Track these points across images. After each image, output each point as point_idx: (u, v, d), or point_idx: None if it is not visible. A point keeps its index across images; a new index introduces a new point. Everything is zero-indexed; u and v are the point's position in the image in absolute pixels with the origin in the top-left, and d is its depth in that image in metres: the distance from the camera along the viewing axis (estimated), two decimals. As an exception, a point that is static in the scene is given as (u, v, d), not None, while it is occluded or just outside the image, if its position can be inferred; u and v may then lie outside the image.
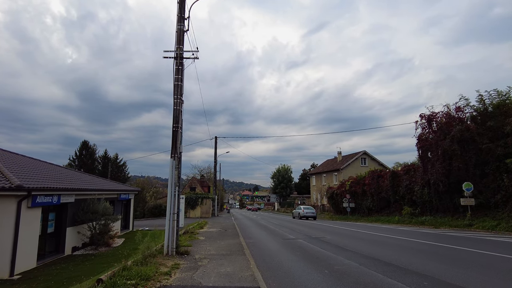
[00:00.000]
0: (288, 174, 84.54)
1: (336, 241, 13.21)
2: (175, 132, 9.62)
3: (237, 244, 12.23)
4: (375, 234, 15.77)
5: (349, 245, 11.82)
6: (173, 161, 9.38)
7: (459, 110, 22.73)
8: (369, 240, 13.29)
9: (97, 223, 15.61)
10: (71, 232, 14.68)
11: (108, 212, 15.80)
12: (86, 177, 19.37)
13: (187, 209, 38.31)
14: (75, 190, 14.46)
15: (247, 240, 14.06)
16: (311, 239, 14.11)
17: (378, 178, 30.89)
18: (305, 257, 9.38)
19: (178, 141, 9.64)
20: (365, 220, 30.07)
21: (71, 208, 14.59)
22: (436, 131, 22.99)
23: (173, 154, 9.50)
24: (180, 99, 9.84)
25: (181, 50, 10.07)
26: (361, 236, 15.20)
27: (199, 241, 13.21)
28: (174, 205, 9.28)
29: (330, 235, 15.75)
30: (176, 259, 8.58)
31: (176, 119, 9.67)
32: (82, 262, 12.76)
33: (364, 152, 48.96)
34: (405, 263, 7.96)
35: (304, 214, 35.08)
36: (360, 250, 10.47)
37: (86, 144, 65.58)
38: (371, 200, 31.75)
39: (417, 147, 25.26)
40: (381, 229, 19.20)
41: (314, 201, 58.13)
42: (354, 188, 34.40)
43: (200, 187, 57.46)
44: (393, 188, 28.20)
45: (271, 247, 11.82)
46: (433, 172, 22.53)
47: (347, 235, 15.78)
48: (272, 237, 15.40)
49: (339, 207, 38.38)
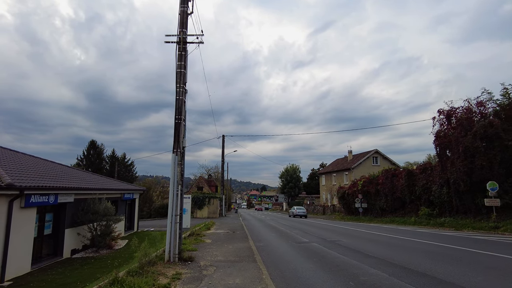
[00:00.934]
0: (296, 174, 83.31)
1: (354, 245, 12.10)
2: (178, 125, 8.65)
3: (247, 248, 11.23)
4: (395, 237, 14.60)
5: (370, 250, 10.71)
6: (175, 156, 8.41)
7: (481, 105, 21.36)
8: (391, 244, 12.14)
9: (98, 224, 14.77)
10: (70, 233, 13.85)
11: (109, 212, 14.94)
12: (87, 176, 18.59)
13: (194, 209, 37.48)
14: (74, 189, 13.62)
15: (257, 243, 13.05)
16: (327, 242, 13.02)
17: (392, 177, 29.55)
18: (324, 265, 8.32)
19: (181, 135, 8.67)
20: (379, 221, 28.79)
21: (70, 209, 13.76)
22: (456, 127, 21.64)
23: (175, 149, 8.53)
24: (183, 88, 8.87)
25: (184, 34, 9.10)
26: (380, 239, 14.05)
27: (205, 244, 12.24)
28: (177, 205, 8.30)
29: (346, 238, 14.63)
30: (179, 267, 7.60)
31: (178, 110, 8.70)
32: (80, 267, 11.90)
33: (376, 151, 47.48)
34: (443, 274, 6.84)
35: (297, 213, 41.97)
36: (384, 256, 9.35)
37: (93, 143, 65.41)
38: (385, 200, 30.43)
39: (434, 145, 23.93)
40: (399, 231, 17.99)
41: (323, 201, 56.82)
42: (366, 187, 33.10)
43: (208, 186, 56.60)
44: (409, 187, 26.86)
45: (284, 252, 10.77)
46: (453, 171, 21.21)
47: (364, 238, 14.64)
48: (283, 240, 14.34)
49: (351, 208, 37.11)
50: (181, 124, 8.66)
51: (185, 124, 9.00)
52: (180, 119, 8.66)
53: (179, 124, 8.64)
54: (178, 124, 8.64)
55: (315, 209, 53.32)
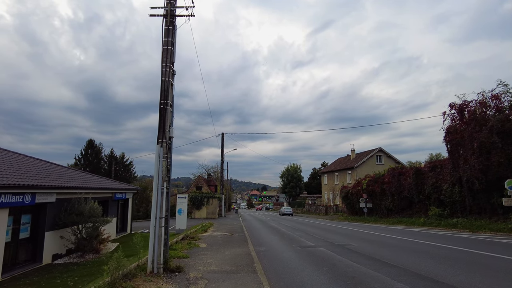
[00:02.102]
0: (297, 173, 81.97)
1: (366, 249, 10.78)
2: (163, 111, 7.34)
3: (246, 254, 9.91)
4: (409, 240, 13.27)
5: (387, 256, 9.39)
6: (160, 148, 7.10)
7: (496, 98, 20.02)
8: (408, 249, 10.81)
9: (83, 226, 13.48)
10: (52, 237, 12.55)
11: (96, 213, 13.63)
12: (73, 174, 17.26)
13: (192, 209, 36.17)
14: (55, 188, 12.31)
15: (258, 248, 11.74)
16: (335, 246, 11.71)
17: (399, 176, 28.21)
18: (337, 276, 7.01)
19: (167, 123, 7.36)
20: (385, 221, 27.46)
21: (51, 209, 12.46)
22: (470, 122, 20.31)
23: (160, 140, 7.23)
24: (171, 68, 7.56)
25: (172, 6, 7.80)
26: (393, 242, 12.72)
27: (199, 250, 10.92)
28: (161, 206, 6.99)
29: (355, 241, 13.31)
30: (162, 280, 6.31)
31: (164, 93, 7.39)
32: (60, 274, 10.59)
33: (380, 149, 46.12)
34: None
35: (285, 212, 50.27)
36: (406, 264, 8.03)
37: (91, 143, 64.14)
38: (391, 200, 29.09)
39: (445, 141, 22.60)
40: (411, 233, 16.68)
41: (325, 201, 55.46)
42: (371, 187, 31.75)
43: (207, 186, 55.30)
44: (417, 186, 25.52)
45: (288, 259, 9.46)
46: (466, 168, 19.88)
47: (375, 241, 13.31)
48: (287, 244, 13.02)
49: (355, 208, 35.78)
50: (167, 110, 7.35)
51: (172, 110, 7.69)
52: (166, 104, 7.36)
53: (164, 110, 7.33)
54: (163, 110, 7.33)
55: (317, 209, 51.99)
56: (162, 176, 7.03)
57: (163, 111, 7.31)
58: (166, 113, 7.33)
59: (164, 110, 7.32)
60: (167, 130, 7.29)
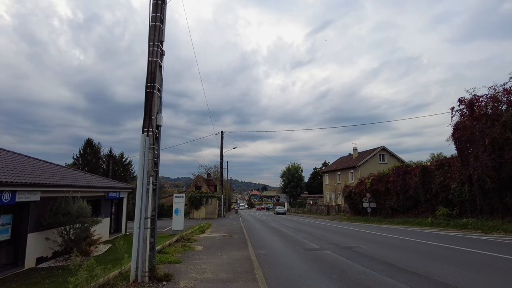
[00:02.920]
0: (298, 173, 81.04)
1: (376, 252, 9.84)
2: (150, 95, 6.40)
3: (245, 258, 8.97)
4: (422, 242, 12.31)
5: (401, 260, 8.45)
6: (145, 137, 6.16)
7: (508, 93, 19.06)
8: (424, 252, 9.86)
9: (70, 227, 12.55)
10: (36, 239, 11.62)
11: (84, 213, 12.70)
12: (61, 171, 16.27)
13: (190, 209, 35.22)
14: (40, 186, 11.39)
15: (258, 251, 10.79)
16: (342, 249, 10.76)
17: (404, 174, 27.25)
18: (349, 284, 6.07)
19: (155, 109, 6.42)
20: (390, 222, 26.50)
21: (35, 209, 11.54)
22: (480, 118, 19.35)
23: (146, 128, 6.29)
24: (159, 47, 6.62)
25: (161, -23, 6.85)
26: (405, 245, 11.76)
27: (193, 253, 9.97)
28: (147, 205, 6.05)
29: (362, 243, 12.36)
30: (146, 292, 5.36)
31: (151, 75, 6.44)
32: (41, 280, 9.66)
33: (383, 148, 45.15)
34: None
35: (278, 211, 56.47)
36: (425, 270, 7.09)
37: (90, 142, 63.19)
38: (396, 200, 28.12)
39: (453, 138, 21.64)
40: (420, 234, 15.72)
41: (327, 200, 54.49)
42: (375, 186, 30.79)
43: (206, 186, 54.39)
44: (424, 185, 24.55)
45: (292, 264, 8.51)
46: (477, 166, 18.92)
47: (385, 243, 12.36)
48: (290, 246, 12.08)
49: (358, 207, 34.81)
50: (154, 94, 6.41)
51: (161, 96, 6.75)
52: (152, 87, 6.41)
53: (151, 94, 6.39)
54: (149, 95, 6.39)
55: (319, 209, 51.03)
56: (148, 170, 6.09)
57: (149, 95, 6.37)
58: (153, 98, 6.39)
59: (150, 94, 6.38)
60: (153, 118, 6.34)
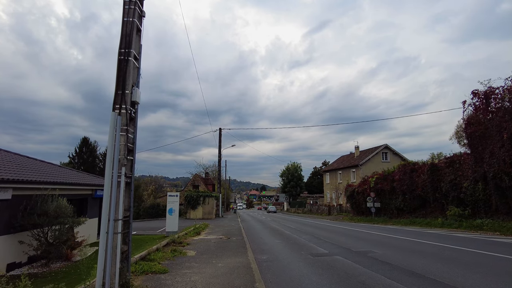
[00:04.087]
0: (298, 172, 79.70)
1: (397, 259, 8.50)
2: (123, 63, 5.04)
3: (244, 266, 7.61)
4: (442, 246, 10.97)
5: (431, 269, 7.11)
6: (116, 116, 4.79)
7: (525, 84, 17.79)
8: (451, 259, 8.52)
9: (48, 228, 11.18)
10: (7, 242, 10.23)
11: (64, 213, 11.31)
12: (41, 166, 14.86)
13: (187, 209, 33.83)
14: (10, 182, 10.01)
15: (259, 256, 9.44)
16: (354, 255, 9.42)
17: (411, 172, 25.94)
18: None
19: (130, 81, 5.05)
20: (396, 222, 25.19)
21: (6, 209, 10.15)
22: (497, 111, 18.07)
23: (117, 104, 4.93)
24: (138, 6, 5.25)
25: None
26: (424, 249, 10.42)
27: (184, 259, 8.60)
28: (117, 203, 4.69)
29: (375, 247, 11.03)
30: (112, 320, 3.99)
31: (126, 39, 5.08)
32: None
33: (386, 146, 43.85)
34: None
35: (270, 210, 63.73)
36: (465, 284, 5.75)
37: (86, 141, 61.70)
38: (402, 199, 26.81)
39: (465, 134, 20.43)
40: (436, 236, 14.40)
41: (328, 200, 53.19)
42: (380, 185, 29.46)
43: (204, 185, 52.98)
44: (432, 184, 23.24)
45: (299, 274, 7.16)
46: (493, 163, 17.63)
47: (401, 247, 11.02)
48: (294, 250, 10.73)
49: (361, 207, 33.50)
50: (129, 63, 5.04)
51: (139, 67, 5.40)
52: (127, 54, 5.05)
53: (125, 62, 5.03)
54: (123, 63, 5.03)
55: (320, 209, 49.69)
56: (120, 158, 4.73)
57: (122, 64, 5.01)
58: (128, 68, 5.02)
59: (124, 62, 5.01)
60: (128, 92, 4.97)
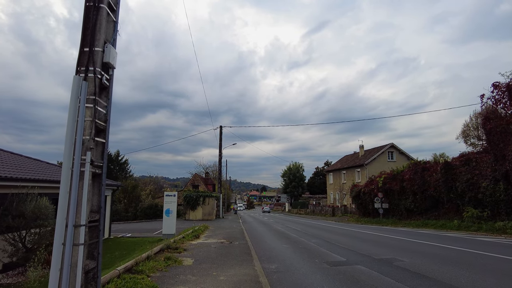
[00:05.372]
0: (299, 173, 78.32)
1: (432, 270, 7.14)
2: (93, 12, 3.69)
3: (251, 280, 6.26)
4: (479, 254, 9.59)
5: (482, 286, 5.75)
6: (81, 81, 3.44)
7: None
8: (504, 273, 7.16)
9: (27, 232, 9.85)
10: (-24, 248, 8.91)
11: (44, 214, 9.96)
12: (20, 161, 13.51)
13: (186, 210, 32.46)
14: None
15: (267, 265, 8.08)
16: (379, 264, 8.06)
17: (423, 171, 24.57)
18: None
19: (101, 35, 3.70)
20: (406, 224, 23.80)
21: (-25, 209, 8.83)
22: (520, 104, 16.74)
23: (82, 66, 3.57)
24: None
25: None
26: (459, 256, 9.04)
27: (180, 270, 7.24)
28: (80, 202, 3.32)
29: (400, 253, 9.66)
30: None
31: (96, -21, 3.71)
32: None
33: (392, 145, 42.50)
34: None
35: (264, 210, 71.05)
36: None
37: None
38: (413, 200, 25.44)
39: (484, 130, 19.08)
40: (459, 241, 13.02)
41: (331, 201, 51.81)
42: (389, 184, 28.09)
43: (204, 185, 51.66)
44: (447, 183, 21.87)
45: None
46: (516, 161, 16.28)
47: (430, 253, 9.64)
48: (306, 257, 9.37)
49: (367, 208, 32.13)
50: (100, 11, 3.69)
51: (116, 20, 4.05)
52: (98, 0, 3.69)
53: (95, 10, 3.68)
54: (92, 11, 3.67)
55: (323, 210, 48.30)
56: (84, 139, 3.38)
57: (91, 11, 3.66)
58: (99, 17, 3.67)
59: (94, 10, 3.67)
60: (98, 49, 3.62)
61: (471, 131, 38.93)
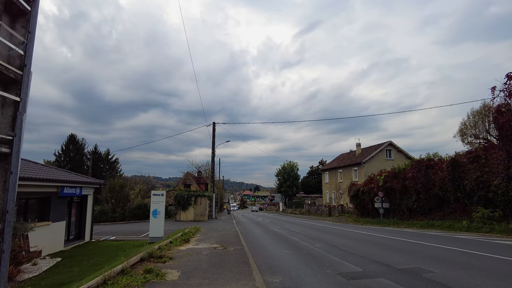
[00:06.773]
0: (294, 172, 77.06)
1: (473, 285, 5.76)
2: None
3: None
4: (508, 261, 8.29)
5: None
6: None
7: None
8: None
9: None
10: None
11: (2, 217, 8.37)
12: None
13: (177, 210, 30.80)
14: None
15: (269, 278, 6.61)
16: (403, 275, 6.65)
17: (427, 169, 23.37)
18: None
19: None
20: (409, 225, 22.57)
21: None
22: (537, 97, 15.57)
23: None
24: None
25: None
26: (493, 266, 7.70)
27: (162, 286, 5.70)
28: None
29: (422, 261, 8.27)
30: None
31: None
32: None
33: (390, 143, 41.38)
34: None
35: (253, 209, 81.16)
36: None
37: (73, 138, 58.37)
38: (416, 199, 24.23)
39: (496, 125, 17.93)
40: (480, 245, 11.73)
41: (327, 200, 50.58)
42: (389, 183, 26.85)
43: (197, 184, 49.96)
44: (454, 182, 20.66)
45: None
46: (533, 157, 15.10)
47: (458, 262, 8.26)
48: (314, 267, 7.92)
49: (366, 208, 30.90)
50: None
51: None
52: None
53: None
54: None
55: (319, 210, 47.03)
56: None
57: None
58: None
59: None
60: None
61: (468, 130, 38.13)
